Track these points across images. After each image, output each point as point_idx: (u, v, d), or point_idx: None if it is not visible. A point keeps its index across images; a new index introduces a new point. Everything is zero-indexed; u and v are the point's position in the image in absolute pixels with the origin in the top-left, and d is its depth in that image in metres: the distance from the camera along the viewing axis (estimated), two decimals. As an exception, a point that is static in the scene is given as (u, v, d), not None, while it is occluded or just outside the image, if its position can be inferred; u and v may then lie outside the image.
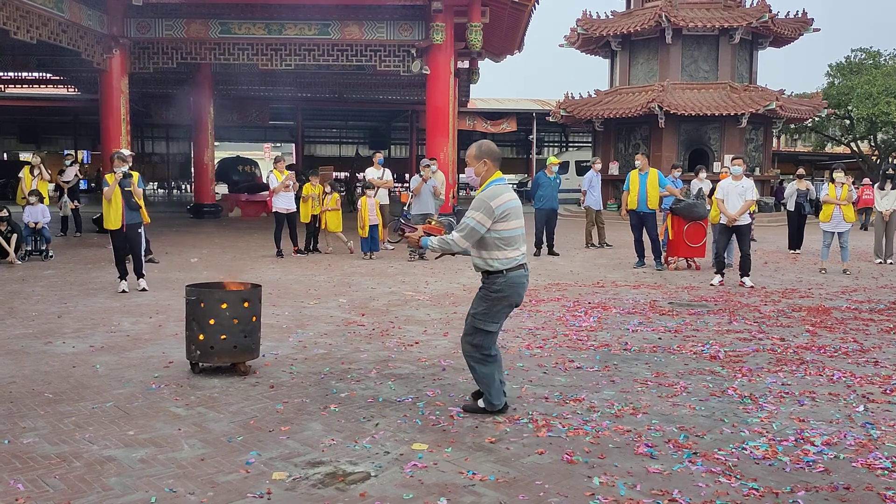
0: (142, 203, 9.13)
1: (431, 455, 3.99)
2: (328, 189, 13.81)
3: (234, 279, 6.33)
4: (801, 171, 15.73)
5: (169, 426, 4.40)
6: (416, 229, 4.73)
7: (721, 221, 10.43)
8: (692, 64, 25.03)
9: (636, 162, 12.35)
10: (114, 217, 8.92)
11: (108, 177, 9.05)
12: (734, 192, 10.23)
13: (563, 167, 32.37)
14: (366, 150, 46.54)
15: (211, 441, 4.17)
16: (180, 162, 44.04)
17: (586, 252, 14.54)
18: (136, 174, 9.16)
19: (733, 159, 10.85)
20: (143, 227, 9.28)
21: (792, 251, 14.59)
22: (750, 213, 16.55)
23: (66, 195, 16.10)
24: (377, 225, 13.07)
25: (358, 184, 27.50)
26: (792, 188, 14.85)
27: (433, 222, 4.97)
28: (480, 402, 4.70)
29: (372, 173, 14.33)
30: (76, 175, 16.78)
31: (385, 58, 16.89)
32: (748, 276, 10.14)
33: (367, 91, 30.21)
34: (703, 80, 24.93)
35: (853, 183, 13.88)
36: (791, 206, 14.74)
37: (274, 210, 13.20)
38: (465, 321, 4.70)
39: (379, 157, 14.80)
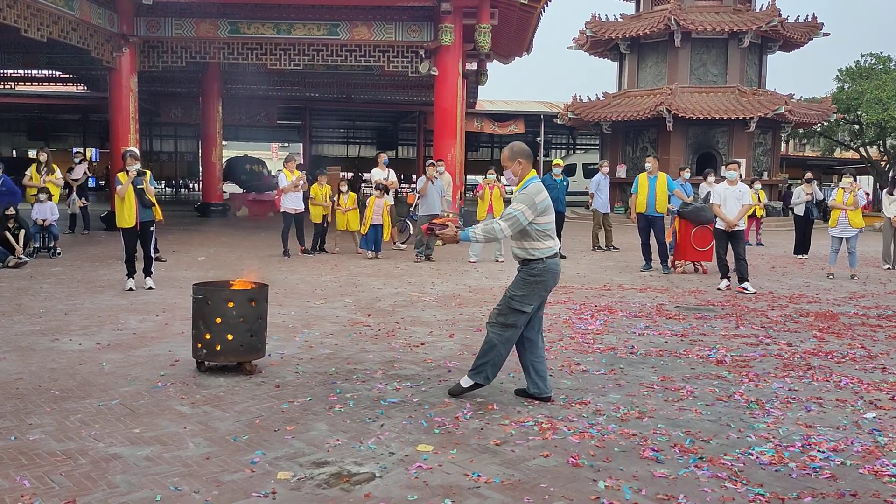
0: (154, 201, 9.17)
1: (437, 456, 3.98)
2: (344, 188, 13.73)
3: (241, 278, 6.32)
4: (808, 175, 15.66)
5: (174, 425, 4.41)
6: (448, 226, 4.97)
7: (718, 226, 10.40)
8: (701, 67, 24.97)
9: (646, 164, 12.31)
10: (128, 215, 8.95)
11: (120, 175, 9.06)
12: (732, 197, 10.22)
13: (571, 170, 32.39)
14: (371, 151, 46.56)
15: (216, 440, 4.18)
16: (188, 161, 44.14)
17: (593, 255, 14.52)
18: (148, 172, 9.20)
19: (728, 164, 10.82)
20: (154, 226, 9.33)
21: (798, 256, 14.55)
22: (757, 217, 16.68)
23: (74, 193, 16.15)
24: (381, 225, 13.04)
25: (366, 185, 27.51)
26: (800, 193, 14.80)
27: (449, 214, 5.09)
28: (464, 382, 5.02)
29: (377, 174, 14.32)
30: (85, 173, 16.83)
31: (393, 59, 16.89)
32: (747, 280, 10.10)
33: (374, 91, 30.23)
34: (711, 84, 24.86)
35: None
36: (800, 212, 14.68)
37: (282, 210, 13.22)
38: (501, 301, 4.98)
39: (383, 157, 14.78)
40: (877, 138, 30.66)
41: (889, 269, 12.78)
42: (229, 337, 5.35)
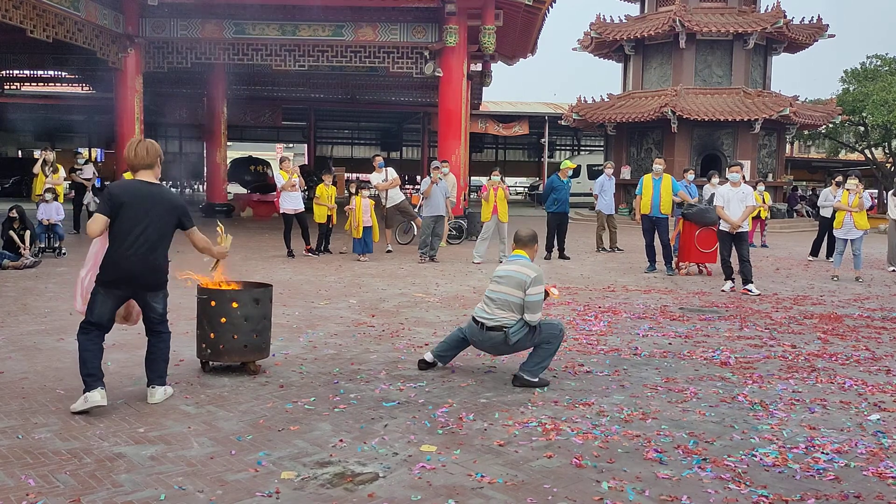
0: None
1: (440, 457, 3.99)
2: (353, 190, 13.14)
3: (246, 279, 6.35)
4: (839, 178, 15.13)
5: (179, 424, 4.42)
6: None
7: (722, 228, 10.38)
8: (706, 69, 24.96)
9: (656, 166, 12.27)
10: None
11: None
12: (735, 199, 10.22)
13: (576, 171, 32.32)
14: (366, 152, 46.56)
15: (220, 440, 4.19)
16: (193, 161, 44.24)
17: (597, 256, 14.51)
18: None
19: (730, 167, 10.89)
20: None
21: (811, 258, 14.37)
22: (762, 219, 16.63)
23: (91, 192, 16.02)
24: (370, 227, 12.92)
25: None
26: (827, 195, 14.27)
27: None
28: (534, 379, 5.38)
29: (375, 178, 14.05)
30: (94, 173, 16.85)
31: (398, 60, 16.92)
32: (752, 282, 10.08)
33: (379, 93, 30.30)
34: (716, 86, 24.85)
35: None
36: (827, 213, 14.08)
37: (282, 211, 13.22)
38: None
39: (379, 160, 14.29)
40: (882, 140, 30.62)
41: (894, 271, 12.74)
42: (234, 337, 5.36)
